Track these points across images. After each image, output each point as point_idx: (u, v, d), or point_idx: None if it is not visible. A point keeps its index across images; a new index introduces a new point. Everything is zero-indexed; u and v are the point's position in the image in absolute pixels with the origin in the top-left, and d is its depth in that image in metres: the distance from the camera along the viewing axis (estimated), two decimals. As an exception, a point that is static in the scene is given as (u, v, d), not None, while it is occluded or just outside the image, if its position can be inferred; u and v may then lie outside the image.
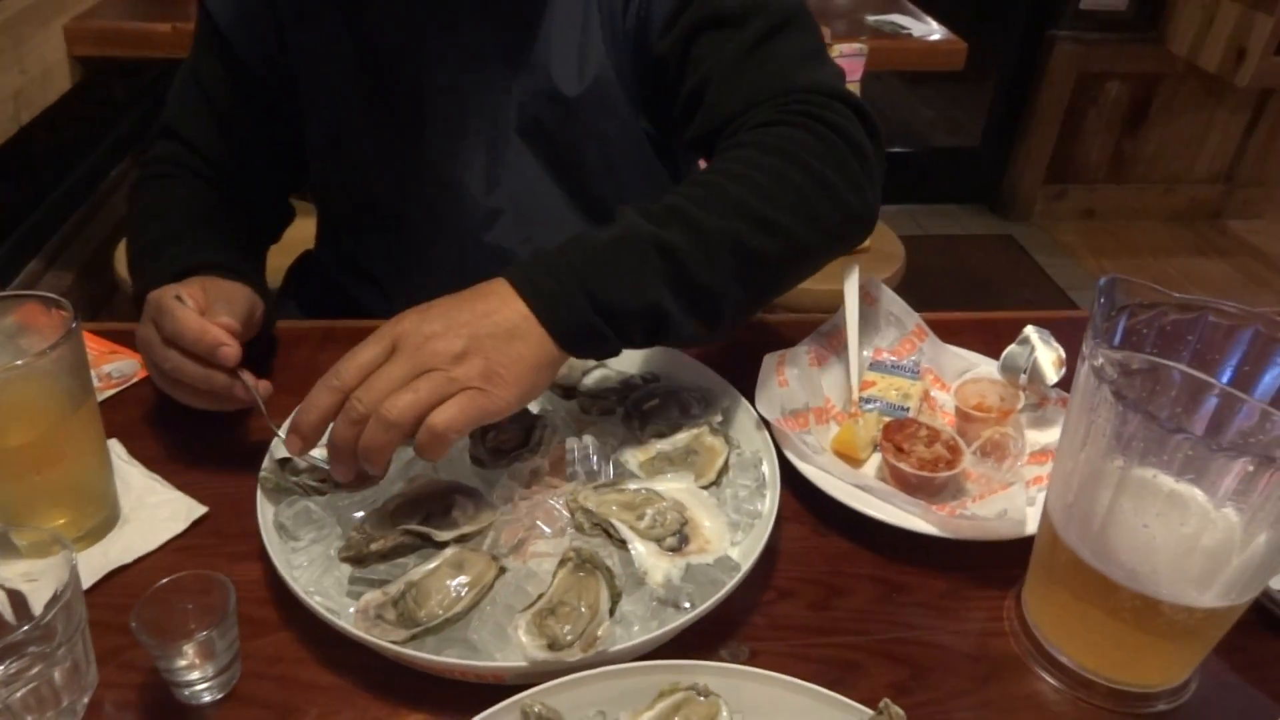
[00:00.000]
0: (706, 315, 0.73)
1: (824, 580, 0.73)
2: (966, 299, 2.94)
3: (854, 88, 1.80)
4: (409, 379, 0.63)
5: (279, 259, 1.30)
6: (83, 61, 1.82)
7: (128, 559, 0.71)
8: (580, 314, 0.68)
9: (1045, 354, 0.84)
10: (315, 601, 0.63)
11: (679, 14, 0.88)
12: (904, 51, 2.11)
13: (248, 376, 0.76)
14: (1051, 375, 0.84)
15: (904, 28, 2.14)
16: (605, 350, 0.72)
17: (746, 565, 0.67)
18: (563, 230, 0.80)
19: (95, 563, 0.70)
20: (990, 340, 0.93)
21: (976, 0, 3.81)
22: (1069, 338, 0.86)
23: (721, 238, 0.71)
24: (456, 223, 1.02)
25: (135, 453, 0.80)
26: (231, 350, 0.74)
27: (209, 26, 0.98)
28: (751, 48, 0.86)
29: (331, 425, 0.65)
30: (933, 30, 2.15)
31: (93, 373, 0.88)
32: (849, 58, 1.80)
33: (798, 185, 0.75)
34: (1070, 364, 0.84)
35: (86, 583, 0.68)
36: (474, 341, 0.64)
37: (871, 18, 2.19)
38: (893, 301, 0.94)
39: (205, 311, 0.76)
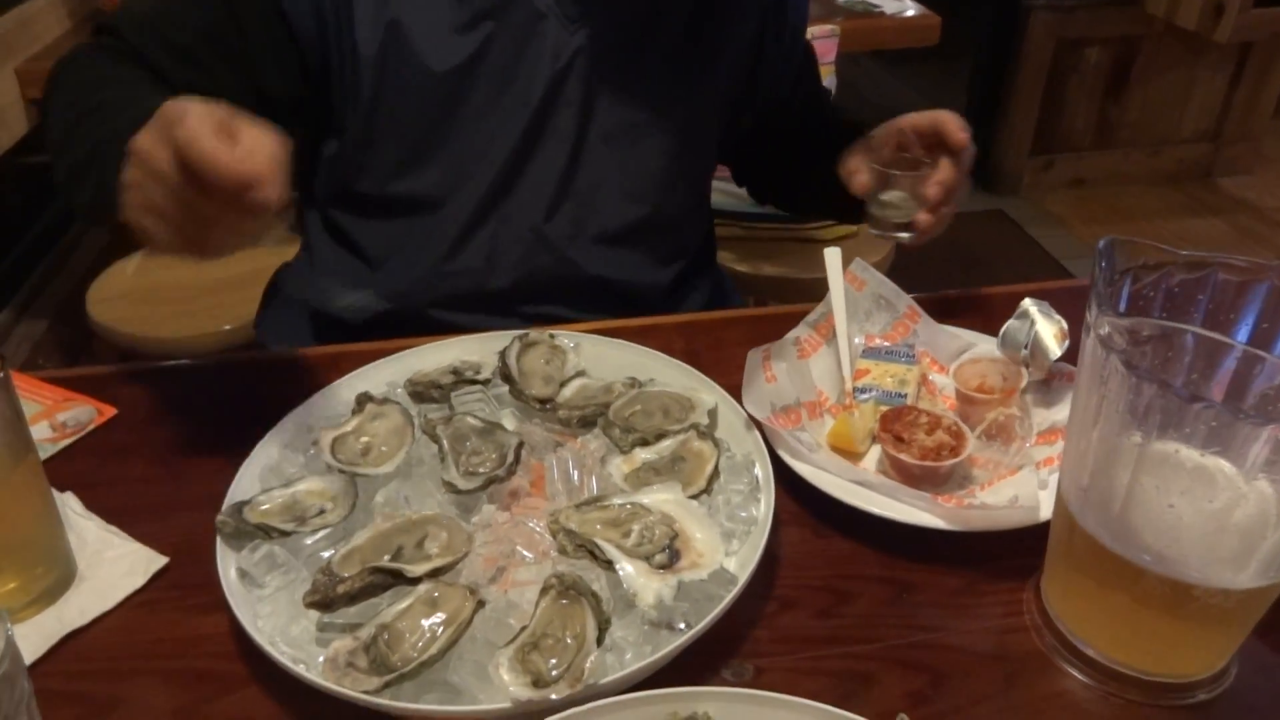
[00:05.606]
0: None
1: (829, 585, 0.69)
2: (961, 276, 2.89)
3: (828, 69, 1.77)
4: None
5: (252, 289, 1.26)
6: (38, 104, 1.77)
7: (83, 621, 0.66)
8: None
9: (1046, 327, 0.80)
10: (281, 652, 0.59)
11: (800, 74, 1.14)
12: (878, 30, 2.07)
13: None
14: (1054, 349, 0.80)
15: (876, 5, 2.09)
16: None
17: (744, 576, 0.63)
18: (610, 222, 0.99)
19: (49, 628, 0.65)
20: (987, 317, 0.88)
21: (949, -25, 3.77)
22: (1069, 308, 0.81)
23: None
24: (514, 211, 0.98)
25: (92, 504, 0.75)
26: (273, 192, 0.57)
27: None
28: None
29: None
30: (906, 7, 2.11)
31: (45, 423, 0.84)
32: (821, 39, 1.75)
33: None
34: (1074, 334, 0.80)
35: (40, 650, 0.64)
36: None
37: (843, -2, 2.15)
38: (881, 284, 0.90)
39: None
